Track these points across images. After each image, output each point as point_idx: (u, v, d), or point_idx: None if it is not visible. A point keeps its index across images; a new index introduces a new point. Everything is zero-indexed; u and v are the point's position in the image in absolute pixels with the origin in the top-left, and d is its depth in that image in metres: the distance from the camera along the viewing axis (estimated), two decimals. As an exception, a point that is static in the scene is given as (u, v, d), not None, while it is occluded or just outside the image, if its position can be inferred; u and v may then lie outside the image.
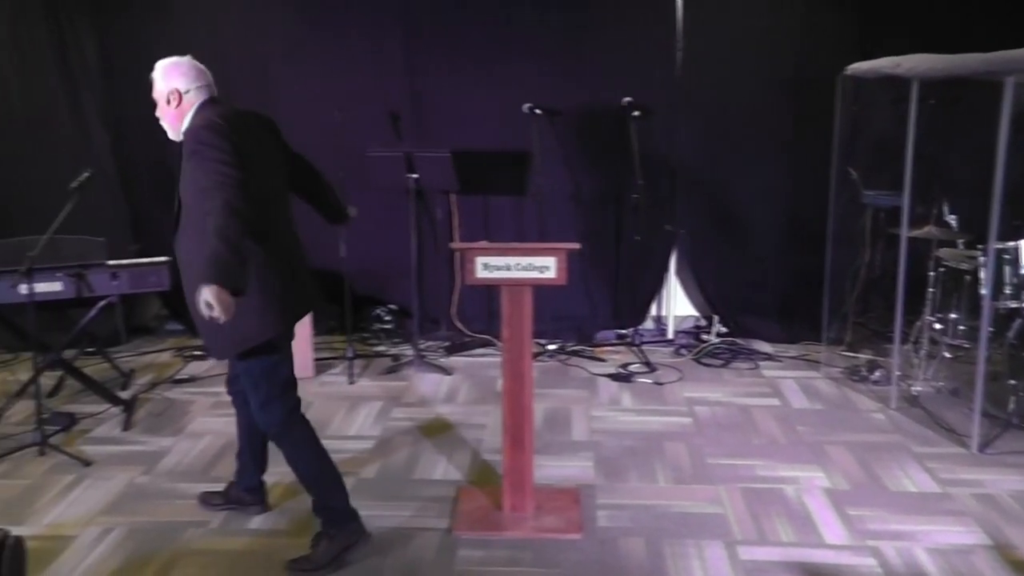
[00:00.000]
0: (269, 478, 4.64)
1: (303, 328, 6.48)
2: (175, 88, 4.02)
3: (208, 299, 3.37)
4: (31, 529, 4.50)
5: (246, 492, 4.64)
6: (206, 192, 3.62)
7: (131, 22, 7.28)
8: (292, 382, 4.09)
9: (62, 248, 5.70)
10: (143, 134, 7.32)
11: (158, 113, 4.08)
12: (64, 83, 7.32)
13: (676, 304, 7.36)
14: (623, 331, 7.21)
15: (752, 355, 6.75)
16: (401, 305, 7.33)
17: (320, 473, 4.15)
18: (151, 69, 7.25)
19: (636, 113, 6.69)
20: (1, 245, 5.88)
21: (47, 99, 7.31)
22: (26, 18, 7.29)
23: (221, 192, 3.56)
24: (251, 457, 4.56)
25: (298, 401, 4.12)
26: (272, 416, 4.01)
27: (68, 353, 6.31)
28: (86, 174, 5.47)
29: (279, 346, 3.99)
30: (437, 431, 5.55)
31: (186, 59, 4.12)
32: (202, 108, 4.00)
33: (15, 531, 2.46)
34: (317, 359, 6.72)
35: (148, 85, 6.75)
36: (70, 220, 5.36)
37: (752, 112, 6.93)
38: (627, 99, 6.71)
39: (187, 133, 3.84)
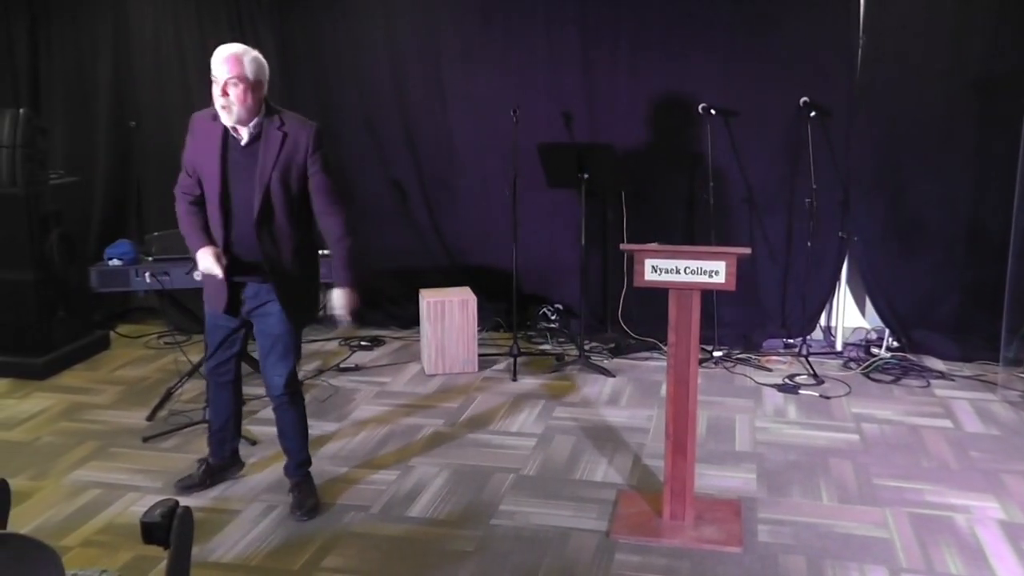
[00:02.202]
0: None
1: (469, 323, 6.61)
2: (264, 81, 4.27)
3: (351, 299, 4.35)
4: (198, 501, 4.75)
5: (231, 456, 5.05)
6: (332, 194, 4.37)
7: (308, 22, 7.55)
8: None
9: None
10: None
11: (237, 94, 4.17)
12: None
13: (846, 315, 7.19)
14: (791, 341, 7.08)
15: (924, 372, 6.53)
16: (567, 304, 7.38)
17: (306, 434, 4.80)
18: (328, 68, 7.53)
19: (813, 114, 6.57)
20: (178, 234, 6.15)
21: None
22: (212, 25, 7.65)
23: (343, 197, 4.29)
24: (235, 423, 4.98)
25: None
26: (295, 382, 4.63)
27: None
28: None
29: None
30: (599, 433, 5.58)
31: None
32: (271, 105, 4.32)
33: (183, 502, 2.61)
34: (481, 355, 6.81)
35: (325, 83, 7.05)
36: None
37: (935, 114, 6.65)
38: (804, 99, 6.60)
39: (315, 133, 4.29)
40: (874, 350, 6.86)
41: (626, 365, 6.80)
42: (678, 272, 4.16)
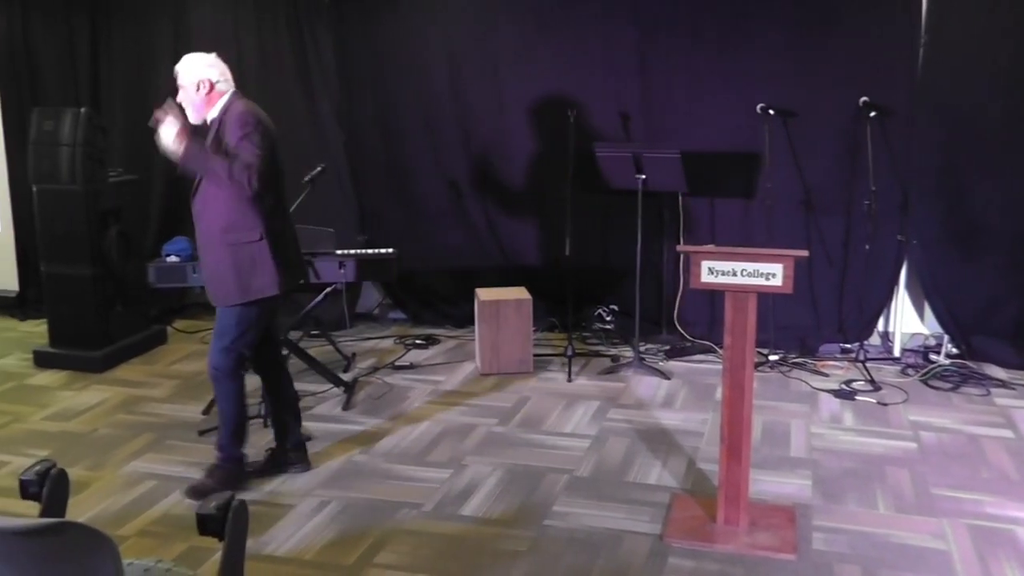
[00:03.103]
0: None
1: (523, 323, 6.60)
2: (206, 78, 4.65)
3: (174, 136, 4.46)
4: (253, 495, 4.81)
5: (293, 450, 5.14)
6: (238, 159, 4.44)
7: (366, 24, 7.60)
8: (252, 344, 4.83)
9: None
10: (375, 134, 7.68)
11: (181, 98, 4.66)
12: (302, 84, 7.76)
13: (904, 320, 7.08)
14: (847, 345, 7.00)
15: (984, 380, 6.41)
16: (623, 306, 7.35)
17: (236, 418, 4.87)
18: (385, 69, 7.61)
19: (873, 114, 6.48)
20: None
21: (286, 99, 7.74)
22: (270, 26, 7.75)
23: (249, 166, 4.41)
24: (292, 415, 5.14)
25: (245, 361, 4.88)
26: (227, 361, 4.74)
27: (294, 335, 6.67)
28: (319, 168, 5.80)
29: (265, 308, 4.75)
30: (653, 435, 5.55)
31: (212, 55, 4.76)
32: (235, 99, 4.67)
33: (238, 495, 2.63)
34: (536, 355, 6.81)
35: (382, 83, 7.11)
36: (302, 210, 5.69)
37: (998, 114, 6.50)
38: (864, 99, 6.52)
39: (240, 115, 4.53)
40: (933, 356, 6.77)
41: (681, 367, 6.77)
42: (734, 274, 4.12)
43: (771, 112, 6.69)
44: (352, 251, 6.32)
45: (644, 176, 6.49)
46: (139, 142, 8.03)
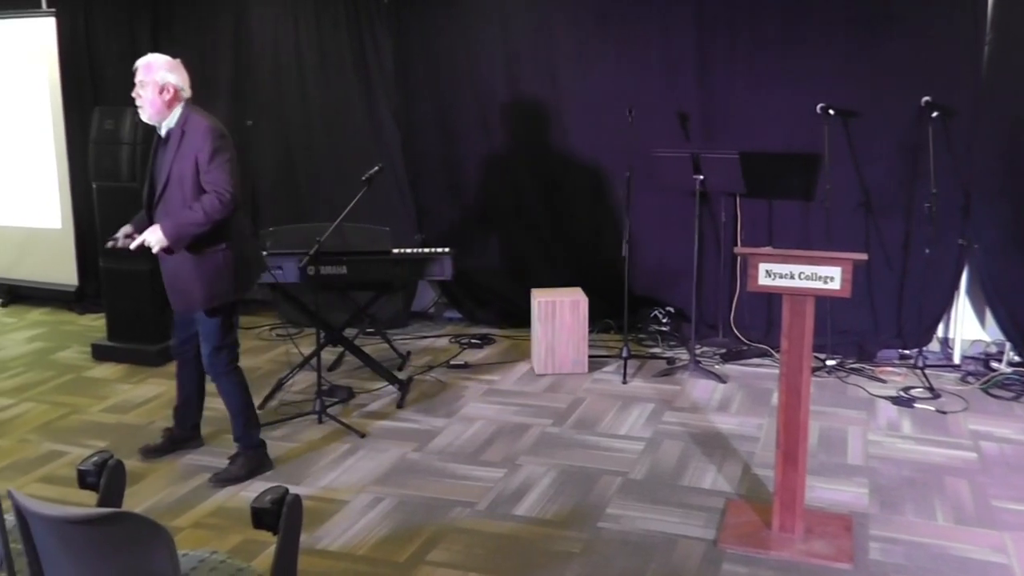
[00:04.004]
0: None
1: (579, 324, 6.58)
2: (171, 83, 4.75)
3: (159, 241, 4.62)
4: (307, 490, 4.85)
5: (189, 430, 5.42)
6: (218, 181, 4.67)
7: (425, 23, 7.63)
8: (236, 338, 5.08)
9: (351, 235, 6.01)
10: (432, 134, 7.70)
11: (145, 95, 4.71)
12: (361, 84, 7.81)
13: (965, 326, 6.95)
14: (906, 351, 6.89)
15: (1047, 390, 6.31)
16: (679, 308, 7.30)
17: (246, 408, 5.09)
18: (443, 69, 7.63)
19: (935, 114, 6.36)
20: (294, 230, 6.27)
21: (345, 98, 7.82)
22: (330, 27, 7.80)
23: (227, 188, 4.66)
24: (198, 400, 5.36)
25: (238, 353, 5.11)
26: (221, 361, 4.98)
27: (349, 332, 6.72)
28: (377, 167, 5.83)
29: (235, 307, 5.02)
30: (708, 439, 5.51)
31: (178, 60, 4.86)
32: (189, 107, 4.81)
33: (293, 490, 2.65)
34: (591, 356, 6.78)
35: (441, 83, 7.09)
36: (359, 209, 5.71)
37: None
38: (926, 98, 6.40)
39: (208, 130, 4.71)
40: (994, 364, 6.64)
41: (737, 371, 6.71)
42: (792, 277, 4.08)
43: (831, 112, 6.59)
44: (408, 250, 6.33)
45: (702, 177, 6.45)
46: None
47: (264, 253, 6.18)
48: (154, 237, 4.66)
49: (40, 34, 8.31)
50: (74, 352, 7.36)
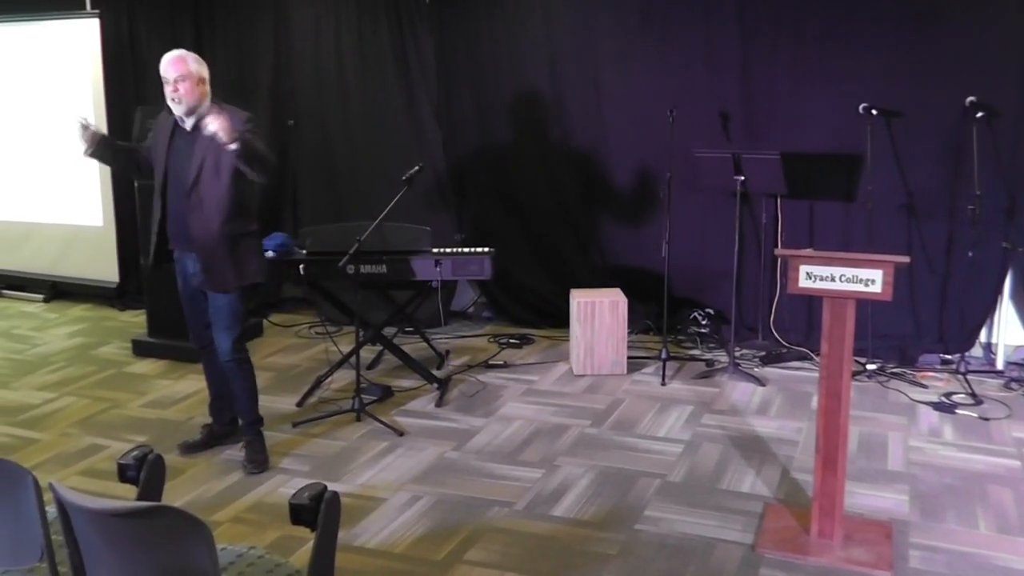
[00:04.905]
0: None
1: (618, 325, 6.57)
2: (206, 76, 4.92)
3: (226, 132, 4.54)
4: (345, 487, 4.86)
5: (228, 425, 5.48)
6: (261, 152, 4.84)
7: (467, 24, 7.64)
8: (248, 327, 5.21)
9: (390, 234, 6.02)
10: (473, 133, 7.71)
11: (185, 88, 4.81)
12: (402, 83, 7.83)
13: (1008, 331, 6.86)
14: (948, 356, 6.80)
15: (1093, 397, 6.21)
16: (718, 309, 7.26)
17: (256, 395, 5.27)
18: (485, 69, 7.65)
19: (980, 114, 6.27)
20: (335, 229, 6.29)
21: (385, 98, 7.85)
22: (371, 26, 7.83)
23: (272, 157, 4.96)
24: (228, 396, 5.37)
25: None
26: (240, 347, 5.12)
27: (388, 331, 6.74)
28: (417, 167, 5.85)
29: (253, 292, 5.23)
30: (747, 442, 5.47)
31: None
32: (215, 100, 4.95)
33: (331, 487, 2.65)
34: (630, 357, 6.76)
35: (482, 83, 7.06)
36: (400, 209, 5.73)
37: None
38: (971, 98, 6.32)
39: (247, 117, 4.88)
40: (1038, 371, 6.56)
41: (776, 374, 6.66)
42: (833, 280, 4.04)
43: (874, 112, 6.52)
44: (448, 249, 6.33)
45: (743, 177, 6.41)
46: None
47: (303, 252, 6.23)
48: (226, 127, 4.58)
49: (84, 35, 8.39)
50: (115, 348, 7.43)
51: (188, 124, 4.90)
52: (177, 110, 4.86)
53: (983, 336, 6.95)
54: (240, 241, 4.98)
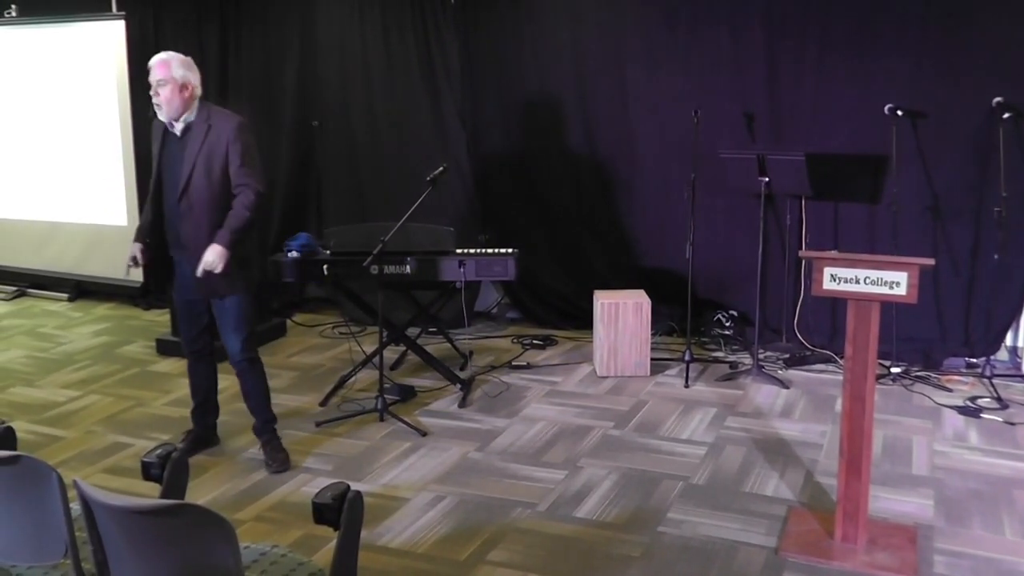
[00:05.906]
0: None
1: (642, 326, 6.55)
2: (191, 82, 4.87)
3: (222, 256, 4.71)
4: (368, 487, 4.88)
5: (212, 428, 5.49)
6: (245, 177, 4.86)
7: (492, 25, 7.66)
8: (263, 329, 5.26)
9: (414, 235, 6.02)
10: (497, 134, 7.71)
11: (165, 94, 4.81)
12: (426, 84, 7.84)
13: (1035, 335, 6.84)
14: (973, 360, 6.75)
15: (1120, 402, 6.15)
16: (742, 311, 7.23)
17: (268, 395, 5.29)
18: (511, 70, 7.64)
19: (1007, 115, 6.20)
20: (359, 229, 6.29)
21: (410, 99, 7.85)
22: (396, 27, 7.85)
23: (261, 181, 4.90)
24: (215, 397, 5.45)
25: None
26: (251, 348, 5.12)
27: (412, 332, 6.75)
28: (441, 168, 5.85)
29: (276, 293, 5.32)
30: (771, 445, 5.45)
31: (189, 58, 4.97)
32: (205, 103, 4.95)
33: (354, 486, 2.66)
34: (654, 359, 6.74)
35: (507, 84, 7.03)
36: (424, 210, 5.73)
37: None
38: (998, 99, 6.26)
39: (240, 124, 4.92)
40: (1065, 375, 6.51)
41: (800, 377, 6.62)
42: (858, 282, 4.02)
43: (899, 113, 6.47)
44: (472, 250, 6.33)
45: (768, 179, 6.38)
46: (265, 141, 8.24)
47: (327, 252, 6.24)
48: (216, 257, 4.76)
49: (110, 37, 8.44)
50: (139, 347, 7.47)
51: (178, 129, 4.90)
52: (160, 115, 4.89)
53: (1009, 339, 6.88)
54: (240, 245, 4.92)
